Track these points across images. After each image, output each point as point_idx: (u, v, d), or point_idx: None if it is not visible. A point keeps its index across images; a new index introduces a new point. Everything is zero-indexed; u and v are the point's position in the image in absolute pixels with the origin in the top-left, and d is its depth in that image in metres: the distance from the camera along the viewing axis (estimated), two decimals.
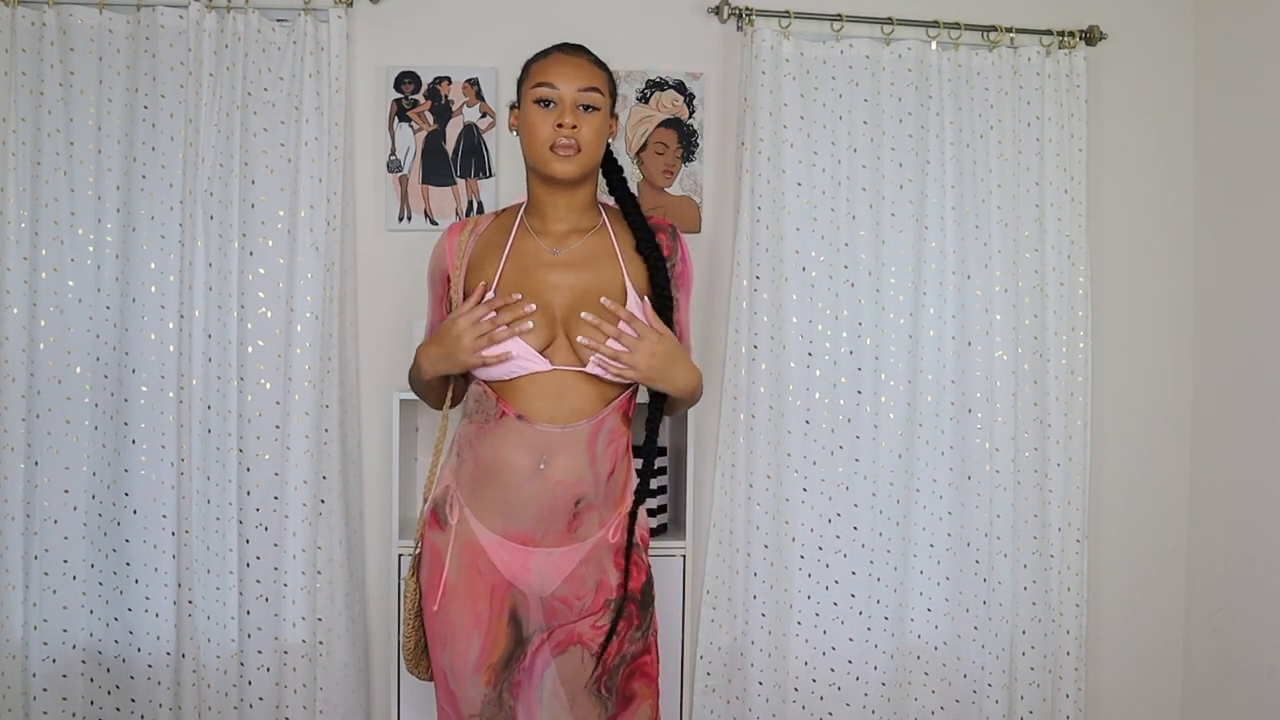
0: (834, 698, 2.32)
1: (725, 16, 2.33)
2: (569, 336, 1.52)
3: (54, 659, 2.18)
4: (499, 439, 1.52)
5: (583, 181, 1.58)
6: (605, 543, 1.56)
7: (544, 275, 1.55)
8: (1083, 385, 2.37)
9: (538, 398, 1.51)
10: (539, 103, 1.53)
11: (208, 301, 2.18)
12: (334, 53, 2.20)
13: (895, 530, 2.32)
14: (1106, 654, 2.51)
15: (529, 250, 1.58)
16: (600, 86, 1.55)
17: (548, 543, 1.53)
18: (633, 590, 1.57)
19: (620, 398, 1.55)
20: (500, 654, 1.55)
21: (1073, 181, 2.37)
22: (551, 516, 1.52)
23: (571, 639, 1.56)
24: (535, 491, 1.51)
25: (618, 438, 1.56)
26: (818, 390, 2.30)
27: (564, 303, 1.54)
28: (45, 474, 2.17)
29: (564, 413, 1.51)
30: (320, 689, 2.18)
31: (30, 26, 2.16)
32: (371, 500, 2.34)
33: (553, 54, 1.57)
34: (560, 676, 1.56)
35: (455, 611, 1.55)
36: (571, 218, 1.59)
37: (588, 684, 1.55)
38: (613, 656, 1.56)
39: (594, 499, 1.54)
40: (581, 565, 1.55)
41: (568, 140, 1.50)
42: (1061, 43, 2.38)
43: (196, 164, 2.15)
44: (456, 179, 2.33)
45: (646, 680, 1.60)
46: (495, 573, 1.55)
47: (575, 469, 1.51)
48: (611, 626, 1.55)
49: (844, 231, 2.32)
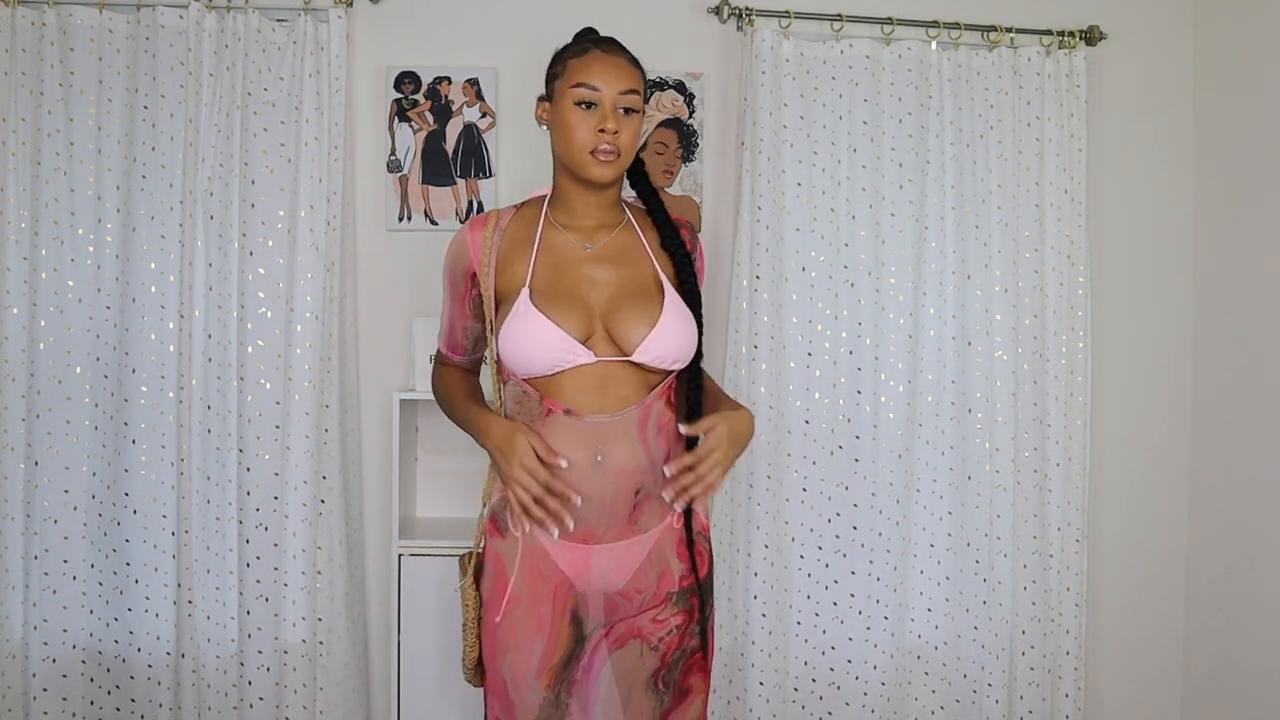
0: (834, 697, 2.32)
1: (725, 16, 2.33)
2: (608, 329, 1.52)
3: (54, 659, 2.18)
4: (550, 438, 1.50)
5: (616, 183, 1.58)
6: (669, 531, 1.56)
7: (578, 270, 1.55)
8: (1083, 385, 2.37)
9: (583, 390, 1.50)
10: (579, 104, 1.52)
11: (208, 301, 2.18)
12: (334, 53, 2.20)
13: (895, 530, 2.32)
14: (1106, 654, 2.51)
15: (560, 245, 1.57)
16: (638, 88, 1.54)
17: (608, 538, 1.52)
18: (695, 582, 1.57)
19: (664, 383, 1.55)
20: (561, 655, 1.53)
21: (1073, 181, 2.37)
22: (614, 509, 1.51)
23: (631, 633, 1.55)
24: (596, 486, 1.50)
25: (666, 423, 1.55)
26: (818, 390, 2.30)
27: (601, 297, 1.54)
28: (45, 474, 2.17)
29: (611, 402, 1.50)
30: (320, 689, 2.18)
31: (30, 26, 2.16)
32: (371, 500, 2.34)
33: (592, 51, 1.55)
34: (617, 671, 1.54)
35: (519, 619, 1.52)
36: (600, 214, 1.59)
37: (646, 679, 1.54)
38: (673, 651, 1.55)
39: (653, 487, 1.53)
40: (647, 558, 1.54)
41: (609, 146, 1.50)
42: (1061, 43, 2.38)
43: (196, 164, 2.15)
44: (456, 179, 2.33)
45: (702, 674, 1.59)
46: (558, 574, 1.53)
47: (633, 457, 1.51)
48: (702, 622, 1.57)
49: (844, 231, 2.32)
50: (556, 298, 1.52)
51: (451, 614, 2.14)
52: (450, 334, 1.65)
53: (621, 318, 1.52)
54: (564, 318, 1.50)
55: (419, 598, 2.13)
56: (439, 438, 2.34)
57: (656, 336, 1.51)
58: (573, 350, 1.49)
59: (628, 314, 1.52)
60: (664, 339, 1.51)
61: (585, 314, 1.52)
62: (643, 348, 1.50)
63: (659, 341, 1.51)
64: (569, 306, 1.51)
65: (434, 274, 2.34)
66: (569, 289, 1.53)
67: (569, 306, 1.51)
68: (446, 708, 2.15)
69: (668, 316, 1.52)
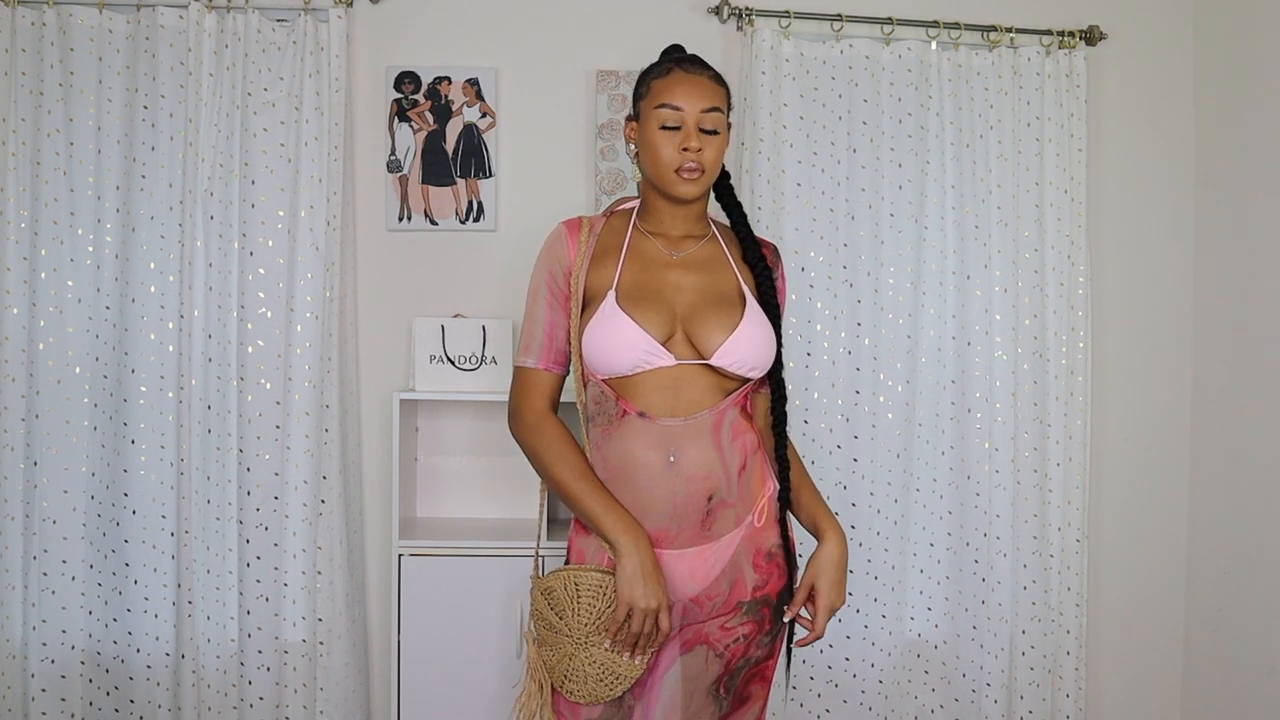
0: (833, 696, 2.32)
1: (725, 16, 2.34)
2: (687, 333, 1.54)
3: (53, 660, 2.18)
4: (624, 439, 1.52)
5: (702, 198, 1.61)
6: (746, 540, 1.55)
7: (664, 274, 1.58)
8: (1082, 385, 2.37)
9: (656, 392, 1.52)
10: (664, 126, 1.54)
11: (208, 301, 2.18)
12: (334, 53, 2.20)
13: (894, 529, 2.32)
14: (1106, 654, 2.51)
15: (648, 251, 1.60)
16: (721, 105, 1.56)
17: (680, 542, 1.52)
18: (768, 594, 1.56)
19: (738, 391, 1.55)
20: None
21: (1073, 181, 2.38)
22: (685, 513, 1.52)
23: (698, 638, 1.55)
24: (669, 489, 1.51)
25: (742, 432, 1.55)
26: (817, 390, 2.31)
27: (685, 301, 1.56)
28: (45, 474, 2.17)
29: (684, 405, 1.52)
30: (320, 689, 2.18)
31: (30, 26, 2.16)
32: (371, 500, 2.34)
33: (674, 71, 1.56)
34: (683, 675, 1.54)
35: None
36: (687, 225, 1.62)
37: (709, 685, 1.54)
38: (737, 659, 1.55)
39: (726, 495, 1.53)
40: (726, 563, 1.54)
41: (693, 164, 1.53)
42: (1061, 43, 2.38)
43: (196, 164, 2.15)
44: (456, 179, 2.33)
45: (763, 683, 1.60)
46: None
47: (705, 462, 1.51)
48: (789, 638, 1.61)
49: (844, 231, 2.32)
50: (642, 300, 1.54)
51: (452, 614, 2.14)
52: (550, 344, 1.59)
53: (702, 322, 1.54)
54: (646, 319, 1.52)
55: (419, 598, 2.12)
56: (439, 438, 2.34)
57: (736, 341, 1.52)
58: (654, 351, 1.50)
59: (709, 319, 1.54)
60: (743, 344, 1.53)
61: (668, 317, 1.54)
62: (721, 351, 1.52)
63: (738, 346, 1.52)
64: (652, 309, 1.53)
65: (434, 274, 2.35)
66: (654, 292, 1.55)
67: (652, 309, 1.53)
68: (446, 708, 2.15)
69: (748, 323, 1.54)
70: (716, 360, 1.52)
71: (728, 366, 1.53)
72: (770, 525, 1.58)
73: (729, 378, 1.55)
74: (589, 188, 2.36)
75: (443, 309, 2.34)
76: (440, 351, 2.22)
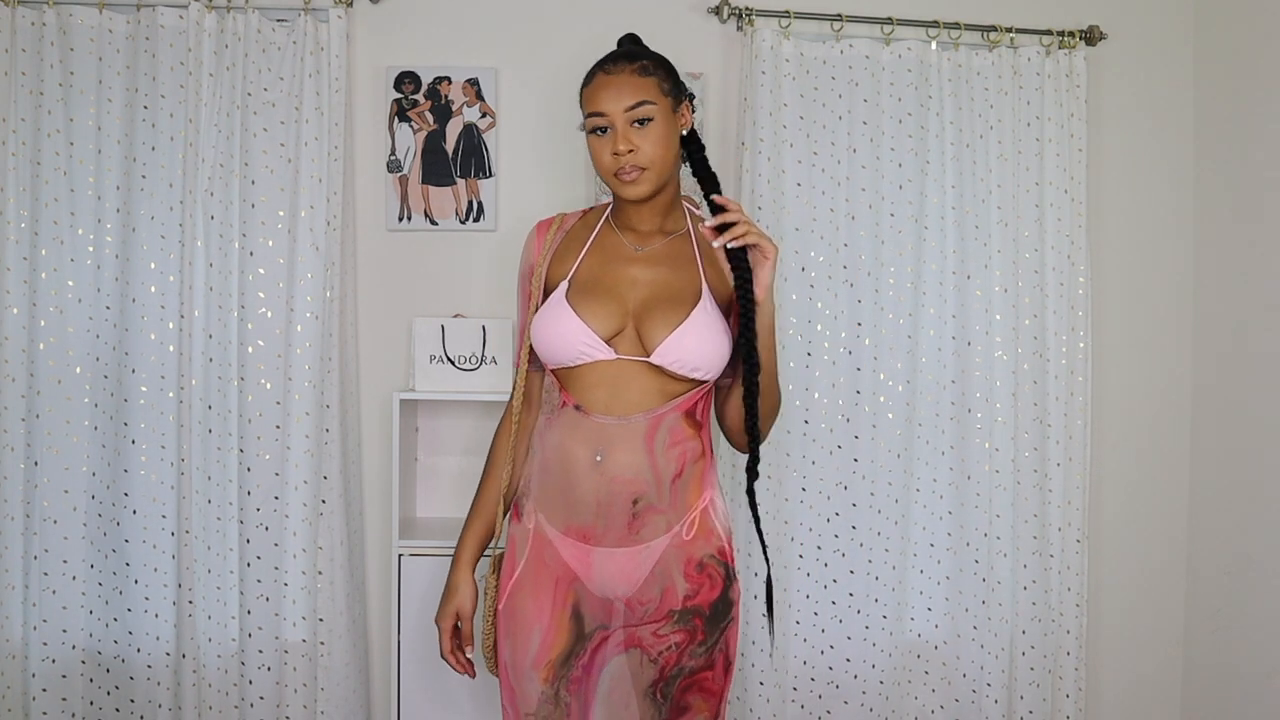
0: (833, 697, 2.32)
1: (725, 16, 2.33)
2: (638, 329, 1.52)
3: (54, 659, 2.18)
4: (560, 430, 1.53)
5: (658, 193, 1.57)
6: (675, 547, 1.53)
7: (623, 268, 1.57)
8: (1083, 385, 2.37)
9: (596, 387, 1.51)
10: (594, 131, 1.53)
11: (208, 301, 2.18)
12: (334, 53, 2.20)
13: (894, 530, 2.32)
14: (1106, 654, 2.51)
15: (611, 244, 1.60)
16: (648, 96, 1.52)
17: (608, 541, 1.51)
18: (699, 605, 1.53)
19: (683, 396, 1.52)
20: (560, 650, 1.54)
21: (1073, 181, 2.37)
22: (610, 514, 1.50)
23: (632, 641, 1.54)
24: (593, 486, 1.50)
25: (683, 439, 1.53)
26: (817, 390, 2.30)
27: (639, 297, 1.54)
28: (45, 474, 2.17)
29: (620, 404, 1.50)
30: (320, 689, 2.18)
31: (30, 26, 2.16)
32: (371, 500, 2.34)
33: (597, 77, 1.55)
34: (620, 676, 1.55)
35: (520, 604, 1.55)
36: (655, 220, 1.60)
37: (645, 689, 1.54)
38: (670, 666, 1.53)
39: (655, 500, 1.51)
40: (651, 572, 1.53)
41: (630, 166, 1.51)
42: (1061, 43, 2.38)
43: (196, 164, 2.15)
44: (456, 179, 2.33)
45: (705, 695, 1.54)
46: (562, 566, 1.54)
47: (632, 464, 1.50)
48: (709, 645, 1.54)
49: (844, 231, 2.32)
50: (593, 293, 1.53)
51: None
52: (523, 344, 1.63)
53: (650, 319, 1.52)
54: (593, 311, 1.51)
55: (419, 598, 2.13)
56: (439, 438, 2.34)
57: (676, 340, 1.49)
58: (592, 344, 1.50)
59: (656, 316, 1.52)
60: (684, 343, 1.49)
61: (618, 311, 1.52)
62: (661, 350, 1.49)
63: (678, 345, 1.49)
64: (602, 301, 1.52)
65: (434, 274, 2.35)
66: (609, 285, 1.54)
67: (602, 301, 1.52)
68: (446, 708, 2.16)
69: (691, 322, 1.50)
70: (656, 358, 1.49)
71: (667, 365, 1.49)
72: (703, 536, 1.54)
73: (676, 379, 1.51)
74: (589, 188, 2.36)
75: (443, 309, 2.34)
76: (440, 351, 2.22)
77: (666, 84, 1.56)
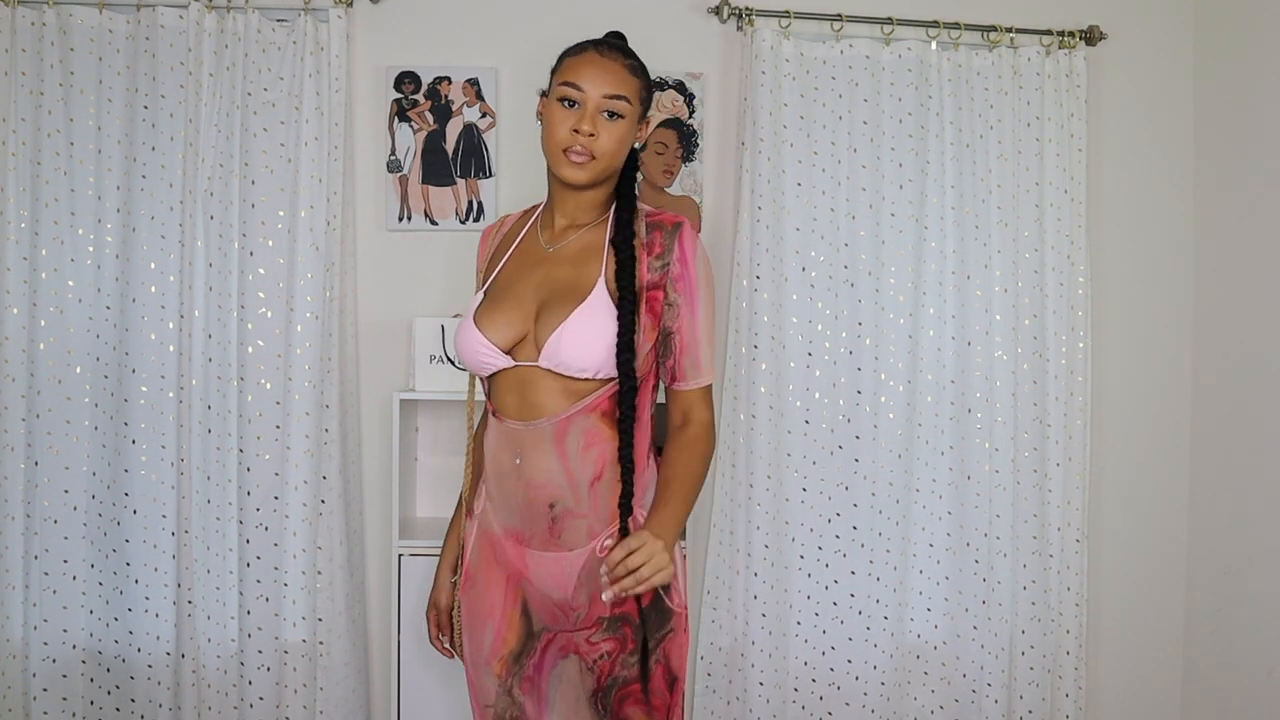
0: (834, 697, 2.32)
1: (725, 16, 2.33)
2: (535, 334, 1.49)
3: (54, 659, 2.18)
4: (490, 435, 1.57)
5: (594, 186, 1.54)
6: (597, 556, 1.49)
7: (533, 271, 1.55)
8: (1082, 385, 2.37)
9: (506, 393, 1.52)
10: (562, 100, 1.49)
11: (208, 301, 2.18)
12: (334, 53, 2.20)
13: (895, 530, 2.32)
14: (1106, 654, 2.51)
15: (530, 247, 1.59)
16: (628, 95, 1.49)
17: (535, 545, 1.53)
18: (627, 613, 1.48)
19: (592, 397, 1.46)
20: (512, 647, 1.56)
21: (1073, 181, 2.37)
22: (531, 517, 1.51)
23: (570, 647, 1.54)
24: (515, 488, 1.52)
25: (598, 441, 1.47)
26: (818, 390, 2.30)
27: (540, 299, 1.51)
28: (45, 474, 2.17)
29: (529, 409, 1.48)
30: (320, 689, 2.18)
31: (30, 26, 2.16)
32: (371, 500, 2.34)
33: (588, 52, 1.52)
34: (566, 679, 1.55)
35: (474, 598, 1.60)
36: (576, 214, 1.57)
37: (588, 696, 1.54)
38: (605, 676, 1.51)
39: (572, 505, 1.48)
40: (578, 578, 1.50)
41: (582, 148, 1.47)
42: (1061, 43, 2.38)
43: (196, 164, 2.15)
44: (456, 179, 2.33)
45: (641, 707, 1.50)
46: (509, 563, 1.56)
47: (545, 469, 1.47)
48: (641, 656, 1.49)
49: (844, 231, 2.32)
50: (502, 299, 1.53)
51: None
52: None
53: (543, 321, 1.48)
54: (493, 321, 1.51)
55: (419, 598, 2.12)
56: (439, 438, 2.34)
57: (555, 342, 1.44)
58: (492, 354, 1.50)
59: (546, 317, 1.48)
60: (562, 344, 1.44)
61: (518, 318, 1.50)
62: (544, 354, 1.45)
63: (557, 348, 1.44)
64: (503, 310, 1.52)
65: (434, 274, 2.35)
66: (517, 292, 1.52)
67: (503, 310, 1.52)
68: (446, 708, 2.15)
69: (571, 321, 1.44)
70: (542, 362, 1.45)
71: (555, 368, 1.45)
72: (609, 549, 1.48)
73: (584, 381, 1.45)
74: None
75: (443, 309, 2.34)
76: (440, 351, 2.22)
77: (644, 93, 1.55)
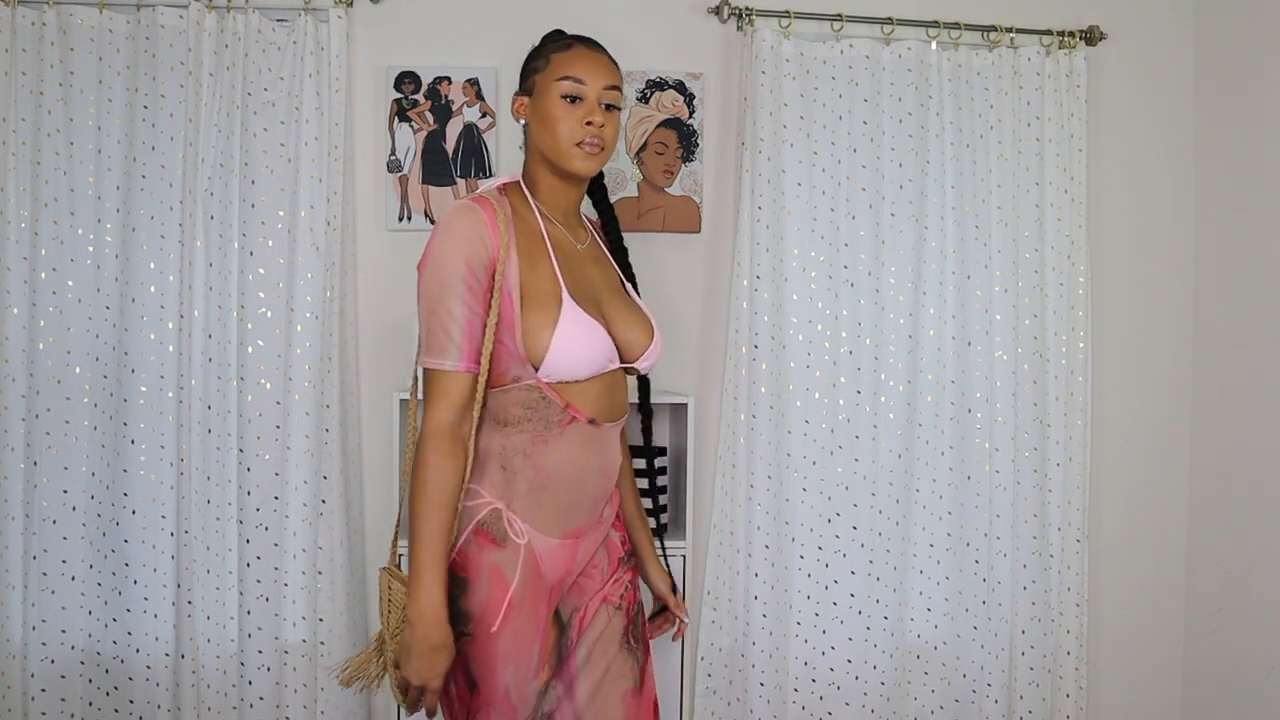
0: (834, 698, 2.32)
1: (725, 16, 2.34)
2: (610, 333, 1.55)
3: (53, 660, 2.18)
4: (567, 445, 1.46)
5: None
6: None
7: (582, 269, 1.55)
8: (1083, 385, 2.37)
9: (599, 396, 1.50)
10: (565, 97, 1.51)
11: (208, 301, 2.18)
12: (334, 53, 2.20)
13: (895, 530, 2.33)
14: (1106, 654, 2.51)
15: (562, 242, 1.54)
16: (620, 85, 1.56)
17: (588, 532, 1.57)
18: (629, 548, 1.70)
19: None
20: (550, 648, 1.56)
21: (1073, 181, 2.38)
22: (600, 507, 1.58)
23: (598, 601, 1.58)
24: (598, 485, 1.54)
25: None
26: (818, 390, 2.30)
27: (601, 299, 1.55)
28: (45, 474, 2.17)
29: (617, 409, 1.55)
30: (320, 689, 2.18)
31: (30, 26, 2.15)
32: (371, 500, 2.34)
33: (576, 47, 1.55)
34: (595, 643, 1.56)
35: (520, 624, 1.46)
36: (570, 209, 1.60)
37: (620, 641, 1.57)
38: (631, 605, 1.61)
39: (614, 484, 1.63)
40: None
41: (595, 139, 1.50)
42: (1061, 43, 2.38)
43: (196, 164, 2.15)
44: (456, 179, 2.33)
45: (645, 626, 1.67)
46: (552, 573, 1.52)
47: (615, 461, 1.57)
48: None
49: (844, 231, 2.32)
50: (586, 300, 1.50)
51: None
52: (469, 343, 1.42)
53: (621, 323, 1.55)
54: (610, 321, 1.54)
55: None
56: None
57: (657, 344, 1.58)
58: (613, 355, 1.51)
59: (627, 320, 1.56)
60: (659, 346, 1.58)
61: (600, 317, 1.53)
62: (648, 354, 1.56)
63: (657, 349, 1.58)
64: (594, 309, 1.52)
65: None
66: (592, 294, 1.54)
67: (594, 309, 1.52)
68: None
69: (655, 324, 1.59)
70: (643, 363, 1.56)
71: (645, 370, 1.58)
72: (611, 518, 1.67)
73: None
74: None
75: None
76: None
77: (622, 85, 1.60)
